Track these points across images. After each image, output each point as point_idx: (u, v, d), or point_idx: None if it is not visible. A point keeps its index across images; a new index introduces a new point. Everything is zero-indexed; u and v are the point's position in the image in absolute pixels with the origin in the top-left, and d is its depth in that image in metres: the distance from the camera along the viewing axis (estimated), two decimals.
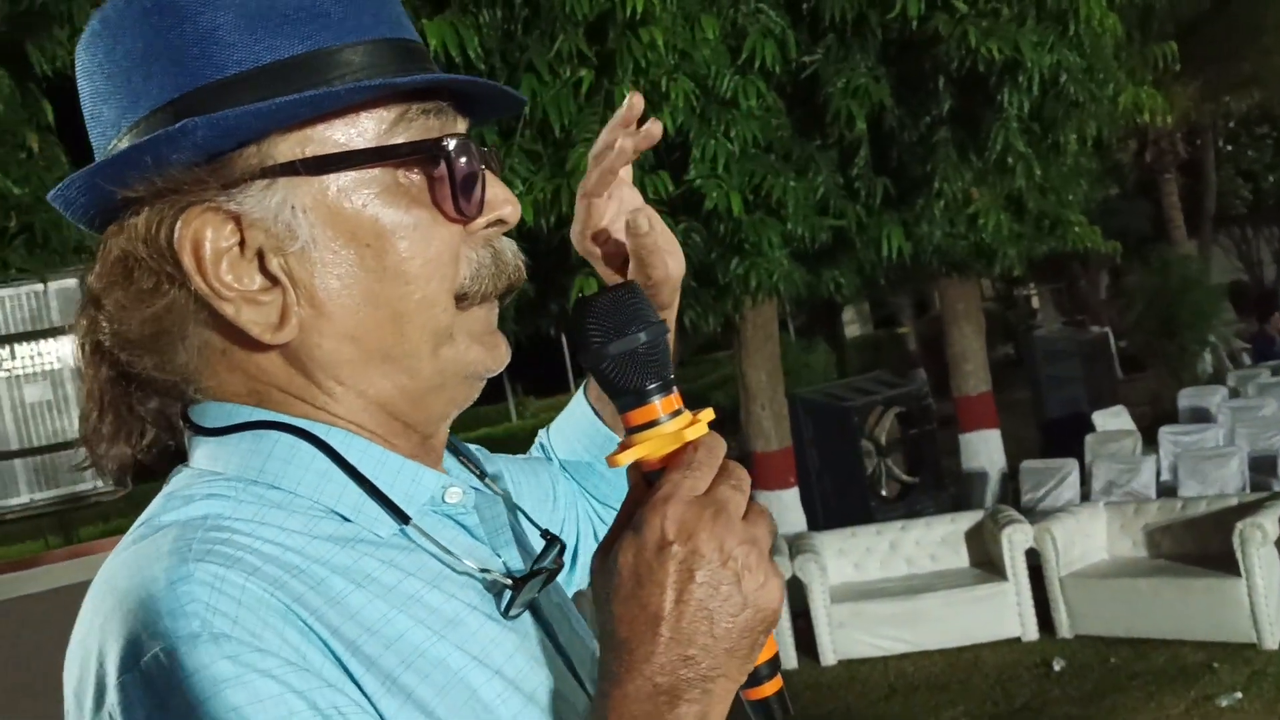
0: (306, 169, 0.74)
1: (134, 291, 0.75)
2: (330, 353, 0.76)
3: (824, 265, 8.39)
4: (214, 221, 0.74)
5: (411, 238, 0.76)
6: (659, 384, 0.77)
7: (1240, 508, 6.72)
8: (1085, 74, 7.23)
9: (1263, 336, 14.16)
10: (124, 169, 0.73)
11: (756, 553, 0.72)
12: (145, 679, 0.62)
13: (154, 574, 0.66)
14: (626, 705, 0.70)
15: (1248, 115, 19.39)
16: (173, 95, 0.74)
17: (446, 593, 0.76)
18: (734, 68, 6.80)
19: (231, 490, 0.74)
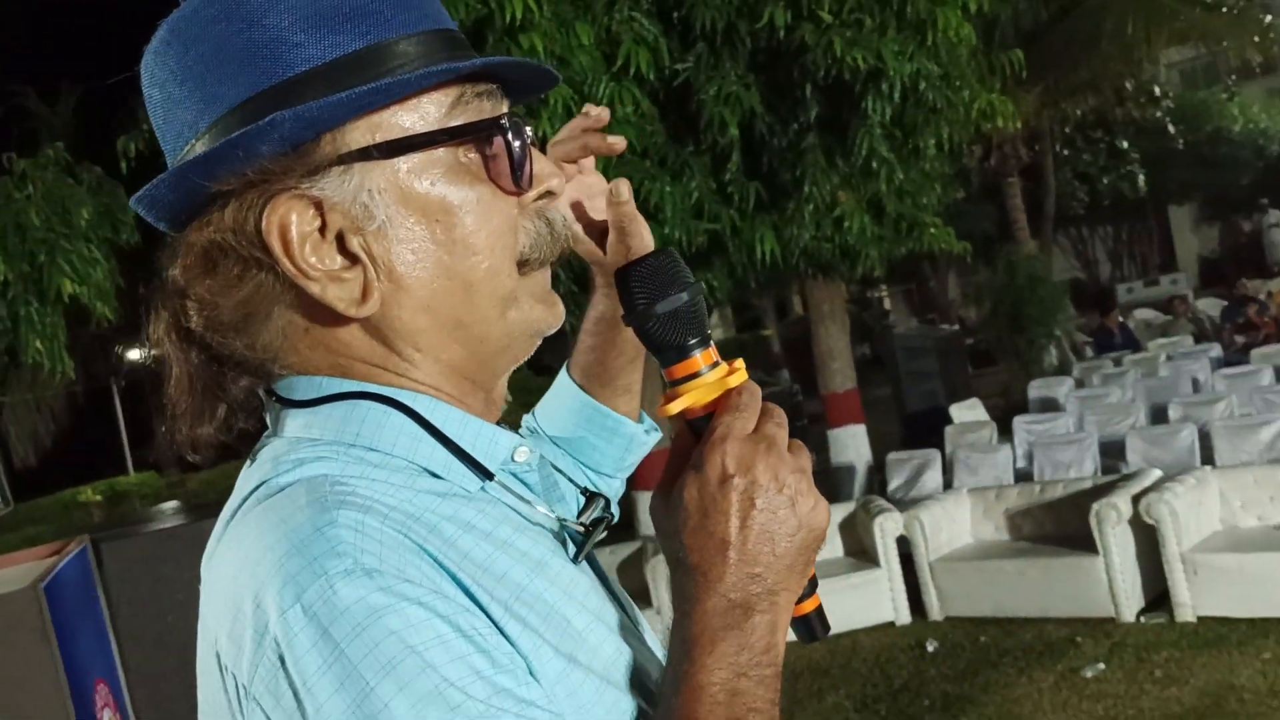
0: (380, 153, 0.81)
1: (222, 279, 0.81)
2: (408, 323, 0.83)
3: (698, 268, 8.55)
4: (298, 207, 0.80)
5: (476, 212, 0.83)
6: (699, 339, 0.87)
7: (1095, 490, 7.13)
8: (943, 81, 7.55)
9: (1103, 330, 14.92)
10: (215, 164, 0.79)
11: (806, 480, 0.83)
12: (308, 612, 0.68)
13: (299, 522, 0.72)
14: (707, 620, 0.79)
15: (1083, 121, 20.43)
16: (248, 94, 0.80)
17: (530, 538, 0.84)
18: (609, 75, 6.91)
19: (333, 453, 0.81)
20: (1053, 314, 14.08)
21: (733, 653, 0.78)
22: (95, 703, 2.56)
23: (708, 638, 0.79)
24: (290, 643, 0.69)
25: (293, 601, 0.69)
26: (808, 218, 7.99)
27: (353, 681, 0.67)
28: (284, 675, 0.69)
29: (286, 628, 0.69)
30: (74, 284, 6.85)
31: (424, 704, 0.67)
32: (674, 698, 0.78)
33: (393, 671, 0.67)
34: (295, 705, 0.68)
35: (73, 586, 2.71)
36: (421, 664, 0.68)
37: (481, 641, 0.72)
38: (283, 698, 0.69)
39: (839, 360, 10.64)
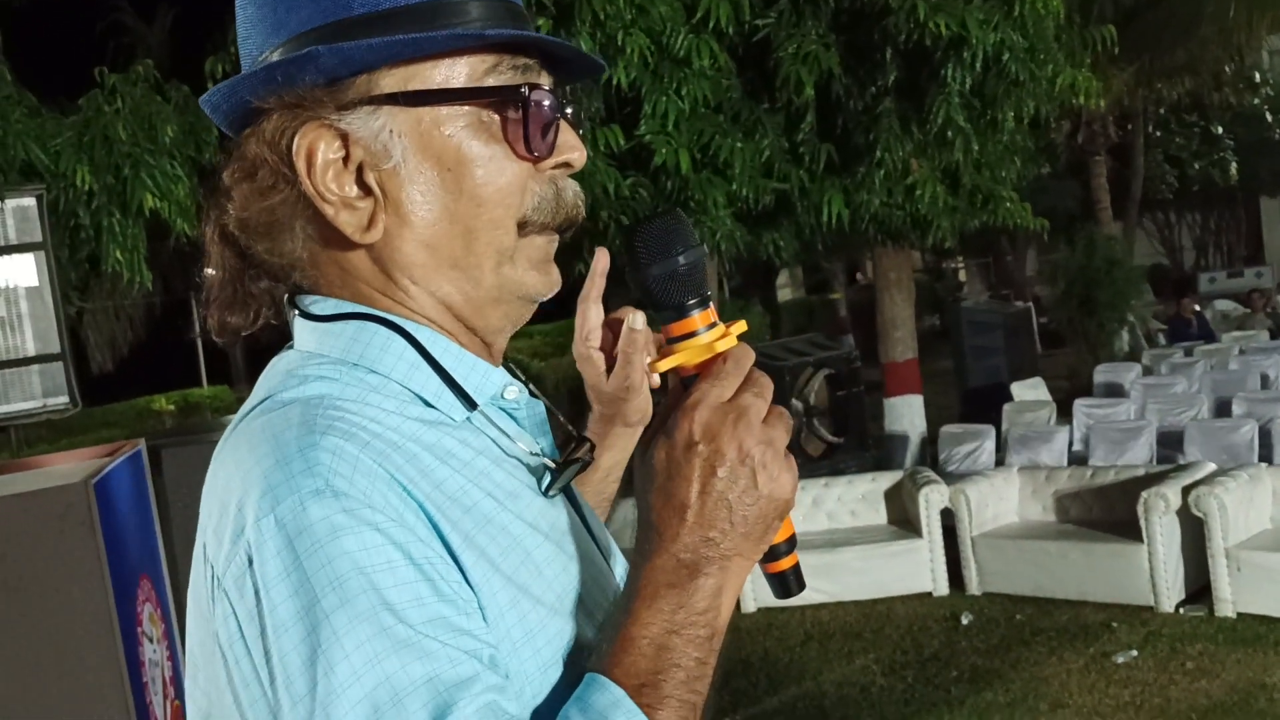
0: (406, 101, 0.88)
1: (257, 187, 0.89)
2: (408, 256, 0.91)
3: (765, 227, 8.55)
4: (326, 136, 0.88)
5: (487, 168, 0.90)
6: (697, 300, 0.91)
7: (1146, 478, 7.06)
8: (1027, 53, 7.43)
9: (1178, 319, 14.65)
10: (260, 84, 0.88)
11: (771, 451, 0.86)
12: (279, 523, 0.77)
13: (287, 439, 0.80)
14: (654, 575, 0.85)
15: (1178, 103, 19.86)
16: (308, 26, 0.88)
17: (506, 471, 0.91)
18: (688, 26, 6.91)
19: (337, 373, 0.89)
20: (1126, 298, 13.82)
21: (669, 610, 0.83)
22: (137, 596, 2.71)
23: (649, 592, 0.84)
24: (259, 547, 0.76)
25: (268, 511, 0.77)
26: (878, 183, 7.95)
27: (305, 590, 0.75)
28: (250, 575, 0.77)
29: (259, 533, 0.77)
30: (155, 198, 7.01)
31: (360, 621, 0.74)
32: (605, 644, 0.84)
33: (340, 587, 0.75)
34: (255, 602, 0.76)
35: (124, 486, 2.86)
36: (366, 584, 0.75)
37: (429, 570, 0.78)
38: (246, 594, 0.77)
39: (901, 329, 10.59)
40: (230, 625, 0.78)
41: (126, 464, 2.93)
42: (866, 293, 13.40)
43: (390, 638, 0.74)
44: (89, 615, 2.39)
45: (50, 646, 2.38)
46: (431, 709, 0.74)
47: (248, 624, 0.77)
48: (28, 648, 2.38)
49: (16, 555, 2.37)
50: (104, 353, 22.12)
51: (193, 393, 23.34)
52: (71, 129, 6.79)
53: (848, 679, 6.38)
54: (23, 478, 2.76)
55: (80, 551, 2.38)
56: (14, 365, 4.20)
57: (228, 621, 0.79)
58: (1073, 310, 14.06)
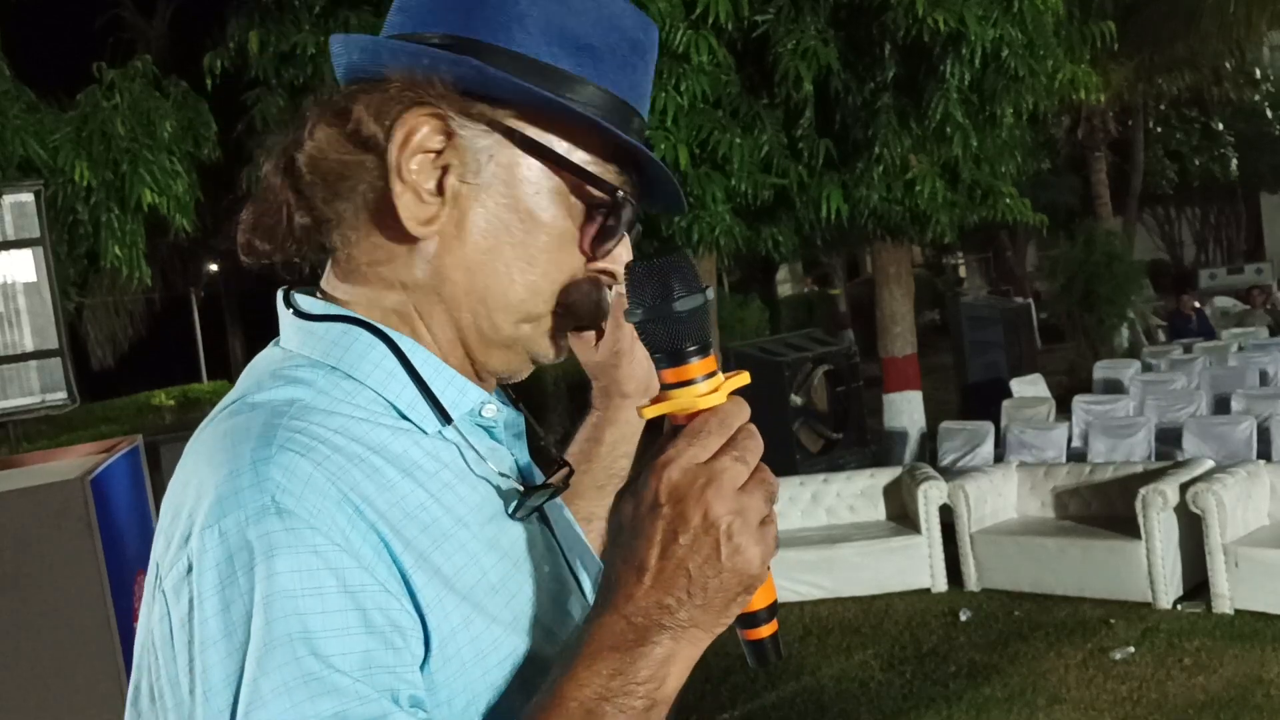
0: (518, 143, 0.90)
1: (343, 136, 0.90)
2: (448, 270, 0.91)
3: (764, 222, 8.55)
4: (434, 126, 0.89)
5: (553, 238, 0.92)
6: (695, 347, 0.85)
7: (1145, 474, 7.07)
8: (1026, 49, 7.42)
9: (1178, 315, 14.65)
10: (404, 56, 0.89)
11: (740, 522, 0.80)
12: (221, 534, 0.77)
13: (242, 451, 0.80)
14: (601, 634, 0.81)
15: (1178, 98, 19.85)
16: (469, 35, 0.90)
17: (470, 487, 0.91)
18: (687, 22, 6.91)
19: (314, 375, 0.89)
20: (1126, 294, 13.81)
21: (606, 675, 0.80)
22: (134, 593, 2.72)
23: (591, 650, 0.81)
24: (200, 557, 0.77)
25: (213, 522, 0.77)
26: (877, 178, 7.95)
27: (235, 608, 0.76)
28: (187, 583, 0.77)
29: (201, 543, 0.77)
30: (154, 194, 7.01)
31: (277, 646, 0.74)
32: (540, 697, 0.81)
33: (266, 607, 0.75)
34: (188, 610, 0.77)
35: (122, 482, 2.86)
36: (291, 609, 0.75)
37: (362, 598, 0.78)
38: (180, 600, 0.78)
39: (901, 325, 10.59)
40: (164, 626, 0.79)
41: (124, 460, 2.93)
42: (867, 288, 13.40)
43: (301, 669, 0.74)
44: (85, 611, 2.40)
45: (47, 642, 2.39)
46: None
47: (179, 630, 0.78)
48: (24, 643, 2.39)
49: (14, 551, 2.38)
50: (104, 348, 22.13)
51: (193, 388, 23.36)
52: (70, 124, 6.79)
53: (846, 674, 6.39)
54: (20, 474, 2.76)
55: (77, 547, 2.38)
56: (12, 361, 4.21)
57: (163, 622, 0.79)
58: (1072, 306, 14.05)
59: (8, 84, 6.74)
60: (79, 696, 2.39)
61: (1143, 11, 14.74)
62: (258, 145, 5.67)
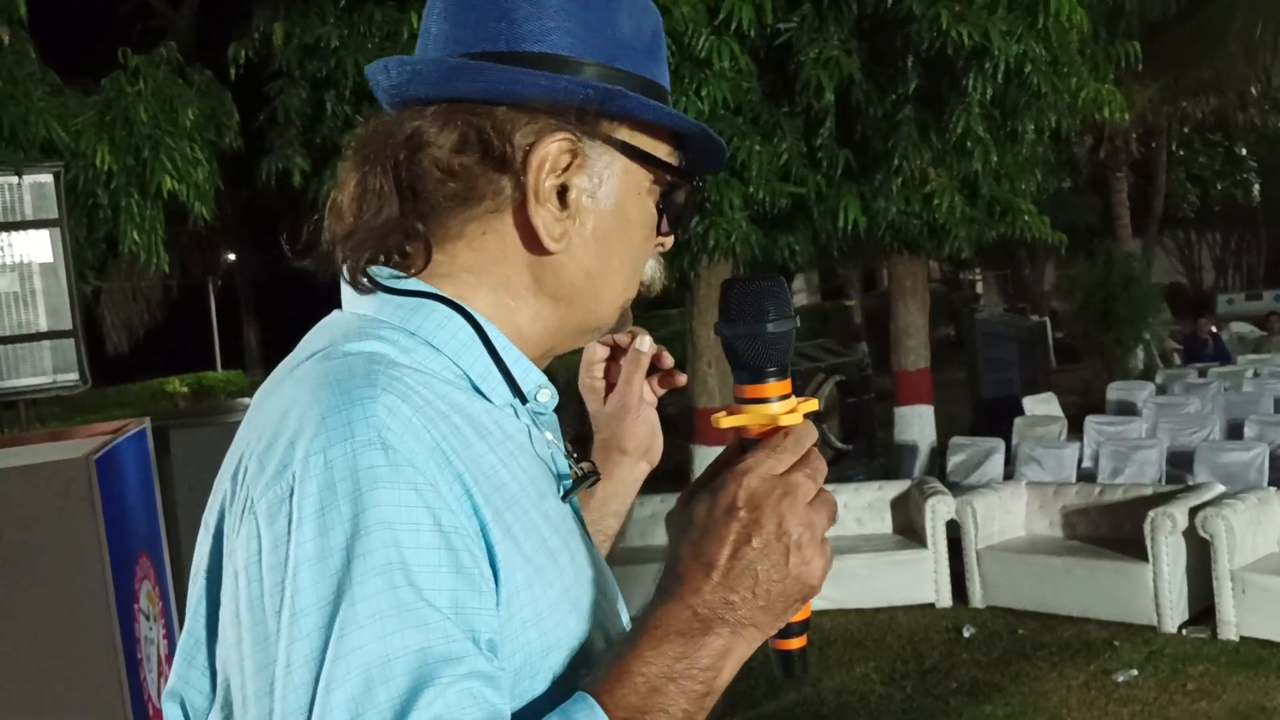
0: (632, 155, 0.97)
1: (469, 157, 0.93)
2: (569, 276, 0.98)
3: (781, 231, 8.54)
4: (566, 148, 0.94)
5: (641, 231, 1.01)
6: (775, 369, 0.92)
7: (1154, 497, 7.04)
8: (1049, 66, 7.40)
9: (1195, 338, 14.58)
10: (535, 85, 0.92)
11: (809, 535, 0.87)
12: (327, 463, 0.80)
13: (349, 387, 0.83)
14: (668, 619, 0.86)
15: (1203, 121, 19.78)
16: (582, 57, 0.95)
17: (531, 461, 0.94)
18: (710, 28, 6.91)
19: (395, 337, 0.91)
20: (1143, 316, 13.76)
21: (673, 656, 0.84)
22: (135, 574, 2.73)
23: (659, 633, 0.85)
24: (303, 481, 0.79)
25: (320, 450, 0.80)
26: (896, 191, 7.94)
27: (335, 530, 0.78)
28: (287, 505, 0.80)
29: (305, 469, 0.80)
30: (174, 181, 7.04)
31: (374, 573, 0.77)
32: (603, 669, 0.85)
33: (367, 535, 0.78)
34: (285, 531, 0.79)
35: (127, 463, 2.87)
36: (390, 539, 0.78)
37: (454, 539, 0.81)
38: (277, 521, 0.80)
39: (915, 338, 10.57)
40: (252, 547, 0.81)
41: (130, 442, 2.94)
42: (883, 300, 13.38)
43: (396, 598, 0.77)
44: (86, 590, 2.41)
45: (47, 619, 2.40)
46: (414, 678, 0.76)
47: (271, 551, 0.80)
48: (24, 620, 2.40)
49: (17, 528, 2.39)
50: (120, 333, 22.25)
51: (207, 376, 23.45)
52: (93, 109, 6.82)
53: (847, 686, 6.37)
54: (26, 451, 2.77)
55: (80, 526, 2.39)
56: (25, 340, 4.23)
57: (250, 543, 0.81)
58: (1089, 326, 14.01)
59: (33, 66, 6.78)
60: (76, 674, 2.40)
61: (1169, 33, 14.69)
62: (279, 136, 5.73)
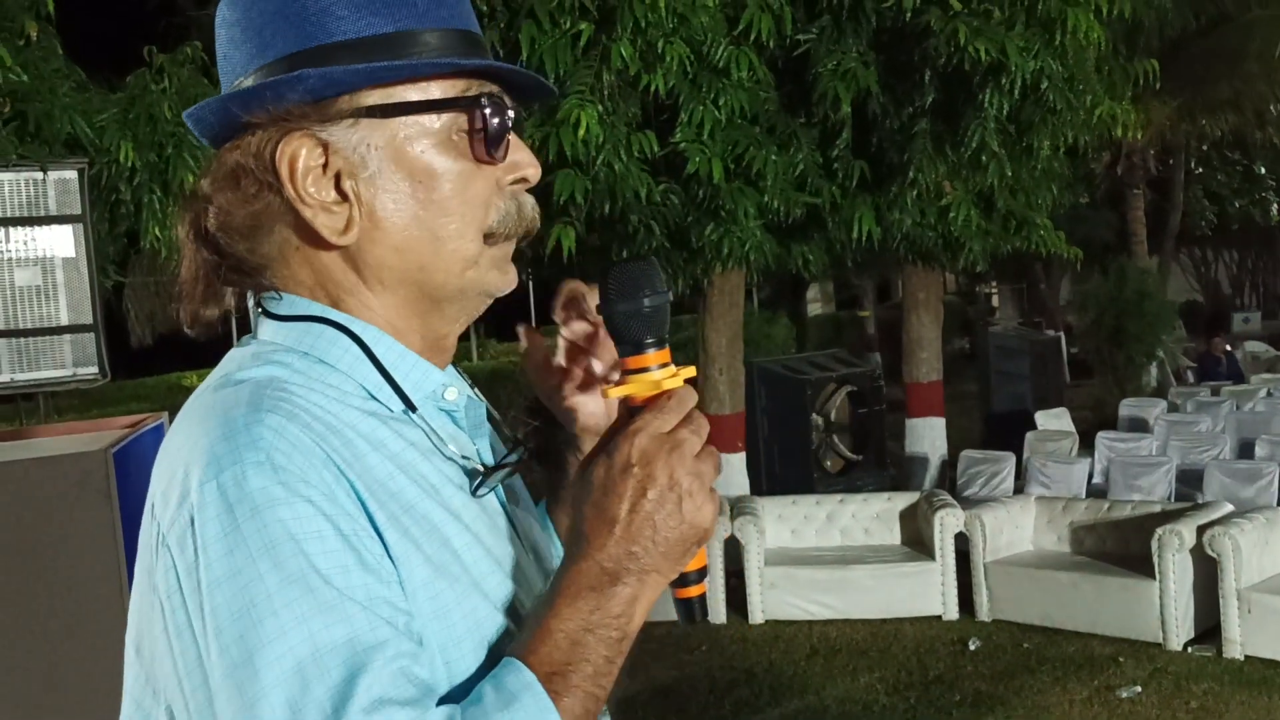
0: (382, 114, 0.97)
1: (241, 194, 0.97)
2: (379, 258, 0.99)
3: (795, 240, 8.57)
4: (308, 145, 0.96)
5: (454, 181, 0.99)
6: (654, 340, 0.99)
7: (1163, 514, 7.04)
8: (1066, 83, 7.42)
9: (1208, 356, 14.54)
10: (250, 100, 0.96)
11: (699, 483, 0.94)
12: (220, 488, 0.84)
13: (235, 415, 0.88)
14: (578, 577, 0.93)
15: (1221, 139, 19.70)
16: (292, 50, 0.96)
17: (434, 465, 0.99)
18: (729, 38, 6.95)
19: (289, 359, 0.97)
20: (1157, 332, 13.73)
21: (587, 610, 0.91)
22: None
23: (571, 591, 0.92)
24: (201, 509, 0.84)
25: (212, 477, 0.85)
26: (910, 203, 7.97)
27: (240, 550, 0.83)
28: (191, 533, 0.85)
29: (202, 497, 0.84)
30: (196, 178, 7.09)
31: (290, 583, 0.82)
32: (525, 634, 0.92)
33: (272, 551, 0.82)
34: (194, 558, 0.84)
35: (144, 457, 2.92)
36: (297, 550, 0.83)
37: (355, 541, 0.86)
38: (186, 550, 0.85)
39: (927, 350, 10.58)
40: (170, 578, 0.86)
41: (148, 436, 3.00)
42: (897, 311, 13.39)
43: (317, 599, 0.82)
44: (100, 582, 2.46)
45: (61, 608, 2.45)
46: (348, 667, 0.81)
47: (186, 577, 0.85)
48: (39, 610, 2.45)
49: (33, 519, 2.44)
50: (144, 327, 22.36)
51: None
52: (117, 105, 6.88)
53: (851, 696, 6.39)
54: (44, 443, 2.83)
55: (96, 519, 2.44)
56: (46, 334, 4.28)
57: (168, 574, 0.86)
58: (1102, 341, 13.98)
59: (60, 62, 6.85)
60: (88, 665, 2.45)
61: (1188, 49, 14.67)
62: None
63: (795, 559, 7.77)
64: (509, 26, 6.58)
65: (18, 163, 4.68)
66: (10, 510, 2.42)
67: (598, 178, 6.76)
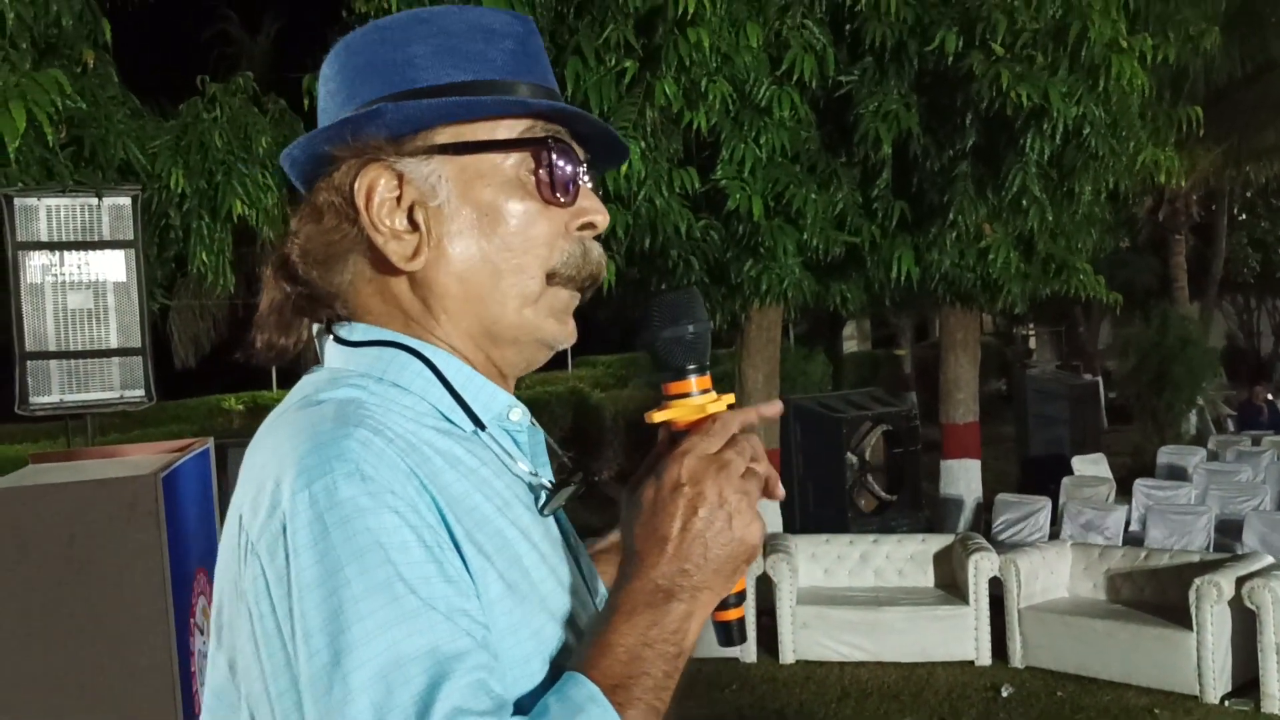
0: (453, 151, 1.04)
1: (323, 226, 1.05)
2: (443, 286, 1.04)
3: (833, 278, 8.60)
4: (384, 175, 1.03)
5: (519, 219, 1.04)
6: (696, 367, 1.03)
7: (1201, 564, 6.95)
8: (1109, 129, 7.41)
9: (1250, 405, 14.39)
10: (334, 135, 1.04)
11: (746, 502, 0.98)
12: (312, 497, 0.88)
13: (323, 429, 0.92)
14: (634, 595, 0.96)
15: (1266, 186, 19.57)
16: (378, 95, 1.04)
17: (505, 483, 1.03)
18: (772, 77, 7.01)
19: (365, 383, 1.01)
20: (1198, 380, 13.59)
21: (644, 625, 0.94)
22: (193, 589, 2.83)
23: (628, 608, 0.95)
24: (293, 517, 0.88)
25: (303, 487, 0.88)
26: (950, 244, 7.97)
27: (329, 557, 0.86)
28: (283, 540, 0.88)
29: (294, 505, 0.88)
30: (244, 205, 7.22)
31: (376, 589, 0.85)
32: (585, 648, 0.95)
33: (360, 558, 0.86)
34: (285, 564, 0.88)
35: (190, 481, 2.98)
36: (384, 558, 0.86)
37: (438, 553, 0.89)
38: (276, 556, 0.88)
39: (964, 392, 10.53)
40: (259, 584, 0.90)
41: (195, 461, 3.06)
42: (934, 351, 13.35)
43: (401, 608, 0.85)
44: (146, 602, 2.51)
45: (107, 627, 2.50)
46: (430, 676, 0.84)
47: (275, 584, 0.88)
48: (86, 626, 2.50)
49: (85, 538, 2.50)
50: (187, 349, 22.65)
51: (262, 395, 23.77)
52: (170, 133, 7.03)
53: None
54: (96, 465, 2.90)
55: (144, 540, 2.50)
56: (96, 356, 4.39)
57: (256, 581, 0.90)
58: (1142, 387, 13.86)
59: (115, 89, 7.01)
60: (132, 683, 2.50)
61: (1234, 96, 14.60)
62: None
63: (828, 598, 7.73)
64: (555, 62, 6.67)
65: (73, 188, 4.80)
66: (63, 530, 2.48)
67: (639, 212, 6.83)
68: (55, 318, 4.38)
